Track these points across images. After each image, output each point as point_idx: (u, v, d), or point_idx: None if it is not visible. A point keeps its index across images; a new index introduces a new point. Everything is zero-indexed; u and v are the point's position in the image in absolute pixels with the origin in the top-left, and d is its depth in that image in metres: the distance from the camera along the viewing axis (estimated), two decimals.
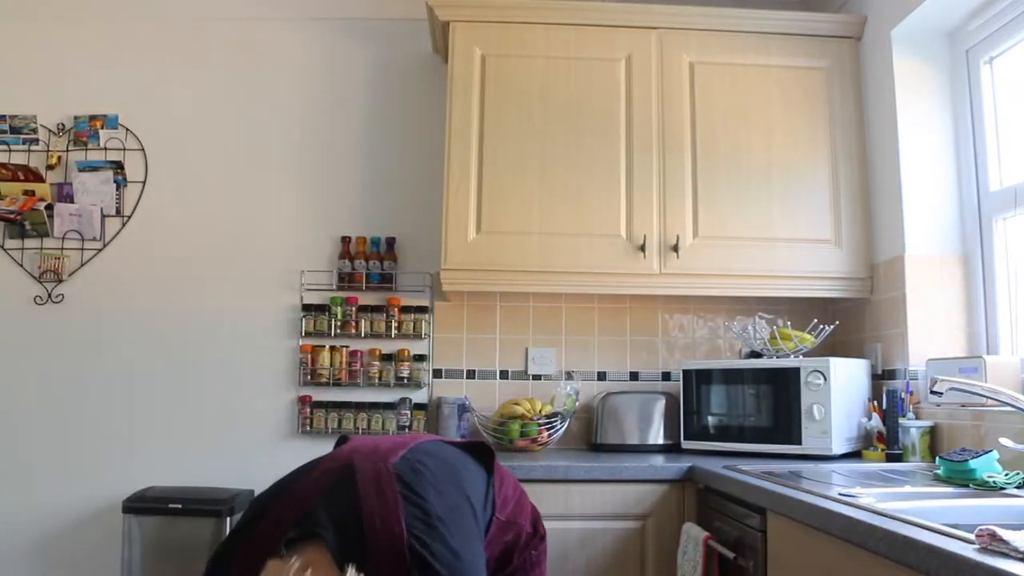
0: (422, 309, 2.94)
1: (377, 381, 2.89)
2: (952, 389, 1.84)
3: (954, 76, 2.58)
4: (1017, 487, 1.72)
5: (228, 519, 2.57)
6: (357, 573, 1.08)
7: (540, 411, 2.70)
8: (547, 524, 1.78)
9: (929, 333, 2.48)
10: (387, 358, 2.90)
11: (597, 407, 2.78)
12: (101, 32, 3.04)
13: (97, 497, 2.84)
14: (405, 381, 2.89)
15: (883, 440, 2.40)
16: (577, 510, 2.25)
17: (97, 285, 2.93)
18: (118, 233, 2.95)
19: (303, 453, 2.86)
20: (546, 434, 2.66)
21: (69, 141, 2.98)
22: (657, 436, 2.72)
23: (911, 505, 1.52)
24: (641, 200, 2.67)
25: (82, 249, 2.93)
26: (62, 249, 2.93)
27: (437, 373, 2.93)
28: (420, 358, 2.91)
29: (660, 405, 2.75)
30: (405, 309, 2.93)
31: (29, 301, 2.91)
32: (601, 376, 2.96)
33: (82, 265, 2.93)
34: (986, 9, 2.40)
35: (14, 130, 2.96)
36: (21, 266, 2.92)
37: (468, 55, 2.71)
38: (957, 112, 2.57)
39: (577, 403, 2.82)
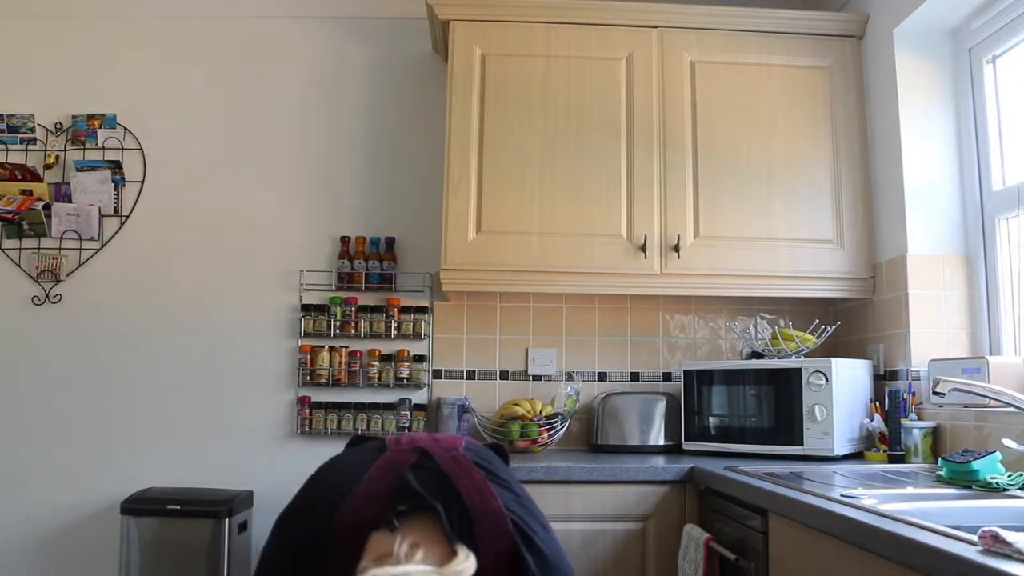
0: (422, 309, 2.93)
1: (376, 382, 2.88)
2: (955, 390, 1.83)
3: (957, 75, 2.57)
4: (1020, 488, 1.71)
5: (227, 520, 2.56)
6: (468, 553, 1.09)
7: (540, 412, 2.69)
8: None
9: (931, 333, 2.47)
10: (387, 358, 2.89)
11: (598, 408, 2.77)
12: (99, 30, 3.03)
13: (95, 498, 2.83)
14: (405, 382, 2.88)
15: (885, 441, 2.39)
16: (578, 511, 2.24)
17: (95, 285, 2.92)
18: (116, 233, 2.95)
19: (302, 454, 2.85)
20: (546, 435, 2.65)
21: (67, 140, 2.97)
22: (658, 437, 2.71)
23: (913, 506, 1.51)
24: (642, 200, 2.66)
25: (80, 249, 2.92)
26: (60, 249, 2.92)
27: (437, 374, 2.92)
28: (420, 358, 2.90)
29: (661, 406, 2.74)
30: (405, 309, 2.91)
31: (26, 301, 2.91)
32: (602, 377, 2.95)
33: (80, 265, 2.92)
34: (988, 8, 2.39)
35: (11, 129, 2.95)
36: (19, 266, 2.91)
37: (468, 54, 2.70)
38: (960, 111, 2.56)
39: (577, 404, 2.81)
